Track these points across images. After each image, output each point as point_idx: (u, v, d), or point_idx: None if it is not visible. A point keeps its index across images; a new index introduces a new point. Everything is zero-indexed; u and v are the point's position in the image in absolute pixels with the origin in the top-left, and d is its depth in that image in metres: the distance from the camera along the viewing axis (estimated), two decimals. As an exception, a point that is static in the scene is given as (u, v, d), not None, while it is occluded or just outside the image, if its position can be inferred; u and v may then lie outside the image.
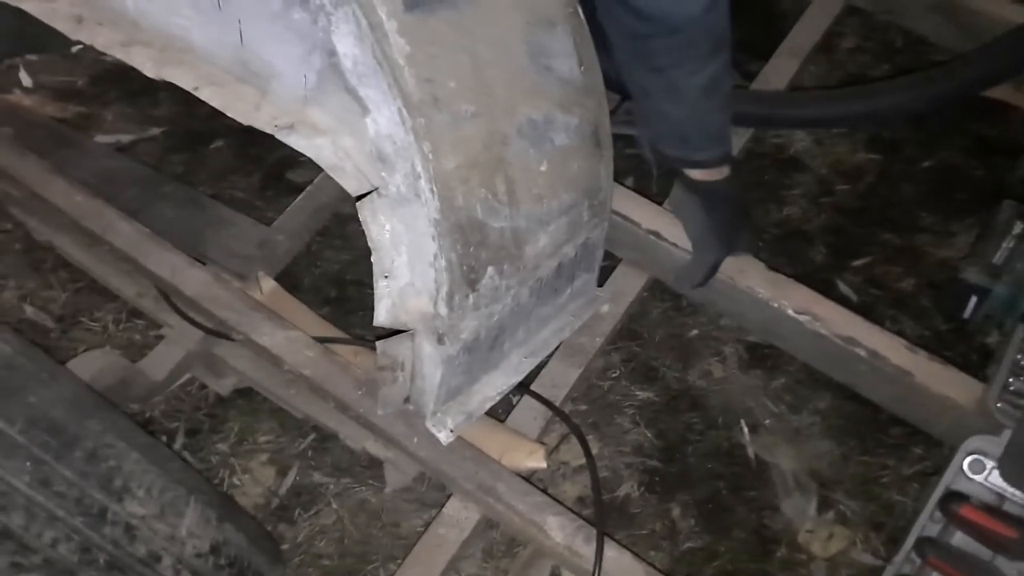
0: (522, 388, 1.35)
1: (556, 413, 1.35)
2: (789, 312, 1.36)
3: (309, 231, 1.70)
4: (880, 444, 1.48)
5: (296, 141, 1.06)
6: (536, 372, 1.37)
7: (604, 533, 1.16)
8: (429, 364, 1.15)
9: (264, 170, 1.85)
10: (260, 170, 1.85)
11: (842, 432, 1.50)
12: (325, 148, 1.05)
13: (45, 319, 1.63)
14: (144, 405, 1.51)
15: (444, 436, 1.22)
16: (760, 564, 1.38)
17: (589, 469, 1.30)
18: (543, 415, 1.35)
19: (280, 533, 1.41)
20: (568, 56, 1.14)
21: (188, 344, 1.46)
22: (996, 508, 1.08)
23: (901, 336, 1.33)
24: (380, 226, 1.06)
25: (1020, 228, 1.51)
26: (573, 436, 1.37)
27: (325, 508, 1.43)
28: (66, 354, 1.52)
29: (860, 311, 1.36)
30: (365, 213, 1.05)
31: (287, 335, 1.33)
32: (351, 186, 1.05)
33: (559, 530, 1.18)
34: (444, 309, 1.07)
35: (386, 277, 1.08)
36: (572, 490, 1.44)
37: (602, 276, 1.41)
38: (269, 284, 1.48)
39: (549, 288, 1.24)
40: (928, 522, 1.11)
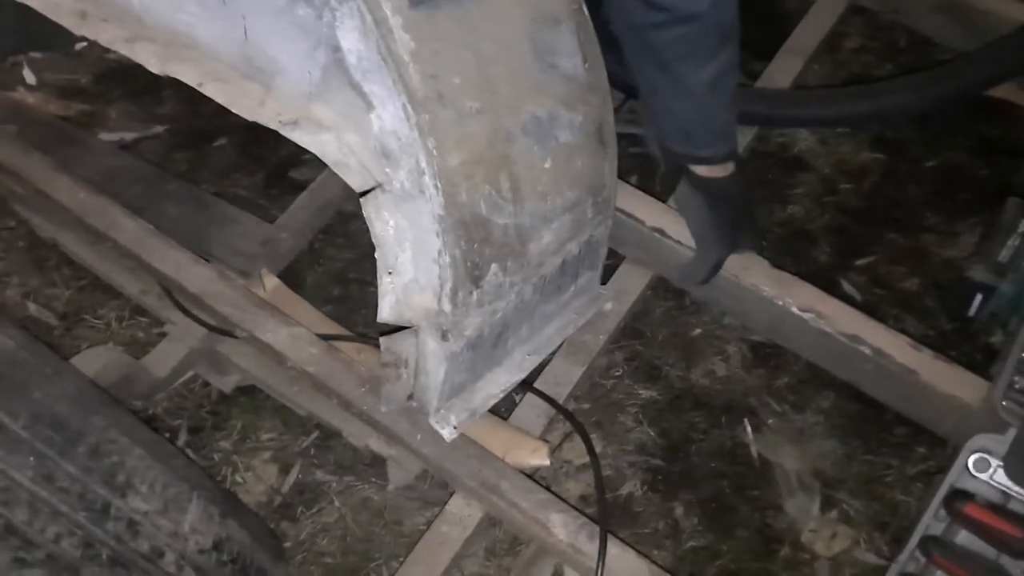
0: (525, 386, 1.35)
1: (559, 411, 1.35)
2: (793, 310, 1.36)
3: (312, 229, 1.71)
4: (884, 443, 1.48)
5: (300, 137, 1.06)
6: (539, 370, 1.37)
7: (607, 531, 1.16)
8: (433, 361, 1.15)
9: (268, 168, 1.85)
10: (264, 168, 1.85)
11: (846, 431, 1.49)
12: (329, 144, 1.05)
13: (49, 316, 1.63)
14: (147, 402, 1.51)
15: (447, 433, 1.22)
16: (763, 563, 1.37)
17: (593, 467, 1.30)
18: (546, 413, 1.35)
19: (283, 531, 1.41)
20: (572, 53, 1.14)
21: (191, 341, 1.46)
22: (1001, 507, 1.08)
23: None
24: (384, 222, 1.06)
25: (1025, 226, 1.51)
26: (576, 434, 1.37)
27: (328, 506, 1.43)
28: (69, 351, 1.52)
29: (864, 311, 1.36)
30: (369, 209, 1.05)
31: (290, 332, 1.33)
32: (355, 182, 1.05)
33: (562, 528, 1.18)
34: (448, 305, 1.07)
35: (390, 273, 1.08)
36: (575, 488, 1.44)
37: (606, 274, 1.40)
38: (272, 281, 1.48)
39: (553, 285, 1.24)
40: (932, 521, 1.10)
